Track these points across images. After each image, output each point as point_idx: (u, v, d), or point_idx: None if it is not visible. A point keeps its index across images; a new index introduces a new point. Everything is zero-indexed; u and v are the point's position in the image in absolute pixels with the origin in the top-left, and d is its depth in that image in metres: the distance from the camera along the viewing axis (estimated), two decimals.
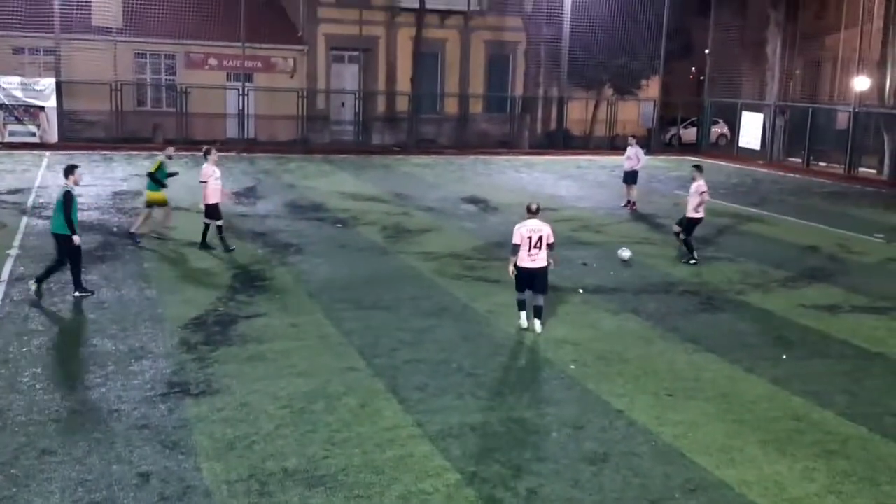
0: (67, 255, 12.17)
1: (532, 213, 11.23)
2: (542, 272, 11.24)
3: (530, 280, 11.24)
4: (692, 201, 15.79)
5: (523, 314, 11.48)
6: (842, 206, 24.33)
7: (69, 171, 12.52)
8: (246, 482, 7.22)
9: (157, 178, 16.05)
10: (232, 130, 34.14)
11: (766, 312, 12.81)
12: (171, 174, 16.59)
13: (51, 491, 6.99)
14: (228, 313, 11.75)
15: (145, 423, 8.30)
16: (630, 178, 22.21)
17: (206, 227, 15.63)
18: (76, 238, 12.02)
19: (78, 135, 31.71)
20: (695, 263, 15.54)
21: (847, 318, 12.69)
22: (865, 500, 7.26)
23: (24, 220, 17.54)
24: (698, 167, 16.42)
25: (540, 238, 11.12)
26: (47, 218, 17.71)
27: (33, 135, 30.50)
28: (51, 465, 7.43)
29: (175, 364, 9.87)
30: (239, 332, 10.99)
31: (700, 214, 15.88)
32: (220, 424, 8.31)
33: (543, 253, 11.19)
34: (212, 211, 15.58)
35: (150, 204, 16.18)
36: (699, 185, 15.88)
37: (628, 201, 22.05)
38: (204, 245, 15.52)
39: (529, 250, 11.09)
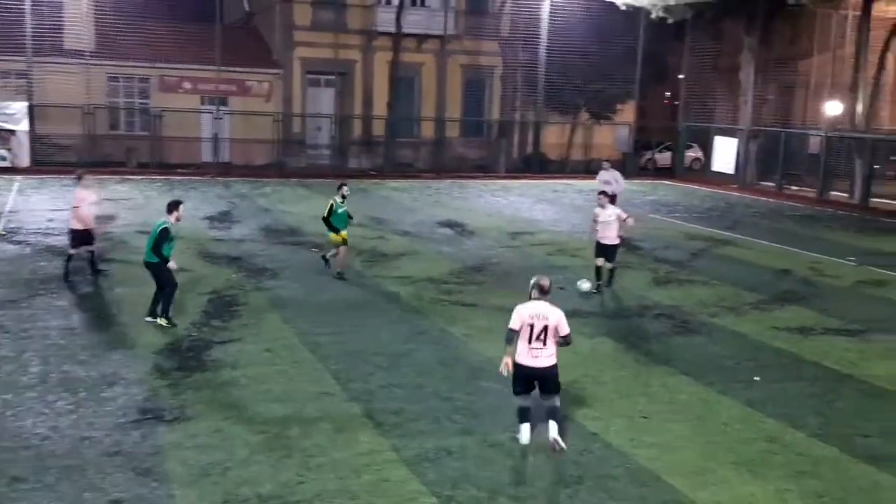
0: (161, 280, 12.16)
1: (541, 292, 8.43)
2: (548, 373, 8.43)
3: (533, 382, 8.50)
4: (615, 228, 15.21)
5: (524, 427, 8.55)
6: (814, 229, 24.63)
7: (173, 206, 12.32)
8: None
9: (330, 222, 15.45)
10: (206, 154, 34.05)
11: (740, 335, 12.92)
12: (350, 217, 15.88)
13: None
14: (202, 338, 11.67)
15: (117, 449, 8.22)
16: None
17: (91, 254, 15.03)
18: (172, 264, 12.12)
19: (50, 159, 31.46)
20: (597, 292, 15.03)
21: (819, 340, 12.83)
22: None
23: None
24: (605, 193, 16.10)
25: (545, 329, 8.27)
26: (19, 243, 17.61)
27: (4, 159, 30.24)
28: (21, 493, 7.33)
29: (148, 390, 9.78)
30: (213, 358, 10.92)
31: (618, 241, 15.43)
32: (194, 451, 8.24)
33: (551, 348, 8.37)
34: (83, 236, 14.82)
35: (335, 245, 15.66)
36: (619, 211, 15.51)
37: None
38: (96, 271, 14.94)
39: (530, 342, 8.31)
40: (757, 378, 10.93)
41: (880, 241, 22.91)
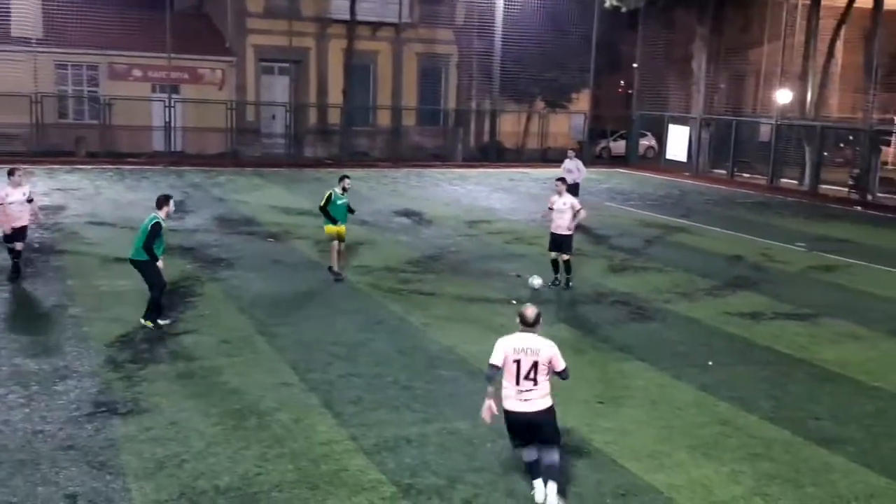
0: (149, 280, 11.49)
1: (527, 325, 7.10)
2: (543, 419, 7.10)
3: (528, 430, 7.16)
4: (569, 217, 14.60)
5: (538, 484, 7.23)
6: (765, 216, 25.07)
7: (163, 201, 11.59)
8: (177, 502, 7.10)
9: (328, 212, 14.70)
10: (158, 143, 33.54)
11: (693, 321, 13.12)
12: (351, 210, 15.20)
13: None
14: (156, 330, 11.52)
15: (71, 443, 8.09)
16: (572, 190, 22.26)
17: (17, 254, 13.85)
18: (161, 263, 11.47)
19: None
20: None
21: (770, 325, 13.07)
22: (790, 502, 7.49)
23: None
24: (563, 180, 15.52)
25: (535, 366, 6.96)
26: None
27: None
28: None
29: (101, 383, 9.64)
30: (168, 350, 10.79)
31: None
32: (150, 444, 8.15)
33: (543, 388, 7.04)
34: (14, 235, 13.73)
35: (331, 239, 14.86)
36: (574, 201, 14.90)
37: None
38: (15, 273, 13.74)
39: (518, 382, 6.99)
40: (710, 363, 11.12)
41: (829, 226, 23.41)
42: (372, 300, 13.57)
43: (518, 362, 6.97)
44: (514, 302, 13.63)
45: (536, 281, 13.76)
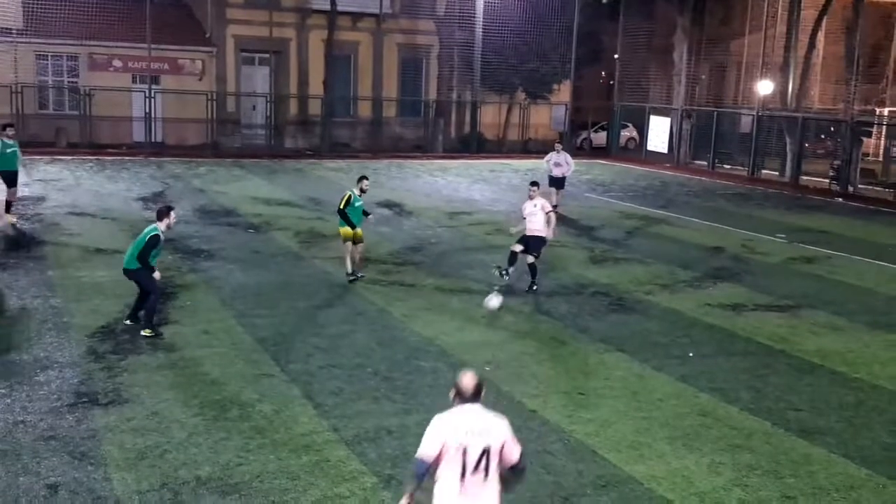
0: (144, 286, 11.02)
1: (467, 398, 5.31)
2: None
3: None
4: (541, 220, 13.99)
5: None
6: (746, 207, 25.22)
7: (164, 213, 11.19)
8: (158, 492, 7.09)
9: (346, 215, 13.90)
10: (139, 134, 33.27)
11: (674, 312, 13.19)
12: (366, 213, 14.37)
13: None
14: (137, 321, 11.45)
15: (52, 433, 8.07)
16: (560, 183, 22.20)
17: None
18: (157, 274, 10.97)
19: None
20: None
21: (751, 316, 13.17)
22: (770, 493, 7.55)
23: None
24: (536, 184, 14.55)
25: (486, 453, 5.18)
26: None
27: None
28: None
29: (82, 373, 9.59)
30: (149, 341, 10.73)
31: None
32: (131, 434, 8.13)
33: (494, 485, 5.28)
34: None
35: (346, 240, 14.05)
36: (545, 203, 14.32)
37: (555, 205, 21.65)
38: None
39: (464, 476, 5.19)
40: (691, 354, 11.19)
41: (810, 218, 23.59)
42: (352, 291, 13.55)
43: (464, 451, 5.10)
44: (495, 291, 13.63)
45: (493, 302, 12.01)
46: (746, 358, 11.20)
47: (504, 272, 14.10)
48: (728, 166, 35.01)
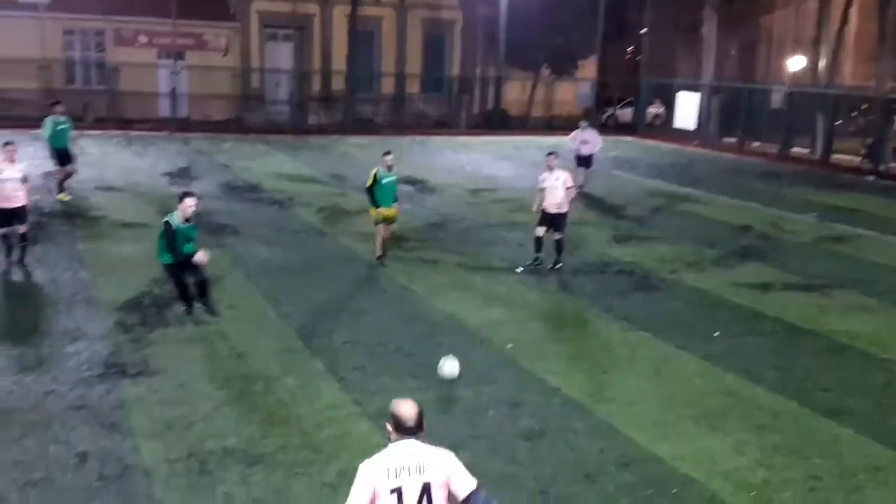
0: (193, 276, 10.52)
1: (406, 430, 4.54)
2: None
3: None
4: (562, 193, 13.56)
5: None
6: (775, 185, 24.89)
7: (179, 199, 10.53)
8: (185, 461, 7.20)
9: (373, 194, 13.44)
10: (165, 109, 33.40)
11: (700, 291, 13.07)
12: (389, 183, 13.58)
13: None
14: (163, 295, 11.52)
15: (82, 403, 8.22)
16: (588, 162, 21.63)
17: (22, 237, 12.65)
18: (201, 255, 10.34)
19: (6, 114, 30.62)
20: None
21: (779, 295, 13.01)
22: (795, 473, 7.48)
23: None
24: (555, 154, 14.14)
25: (426, 492, 4.43)
26: None
27: None
28: None
29: (111, 345, 9.72)
30: (175, 314, 10.81)
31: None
32: (158, 405, 8.25)
33: None
34: (9, 216, 12.43)
35: (376, 222, 13.63)
36: (567, 176, 13.79)
37: (581, 186, 20.71)
38: (22, 258, 12.64)
39: None
40: (717, 333, 11.08)
41: (841, 196, 23.23)
42: (375, 268, 13.55)
43: (398, 493, 4.32)
44: (520, 270, 13.59)
45: (448, 367, 8.43)
46: (774, 338, 11.08)
47: (535, 261, 13.68)
48: (757, 143, 34.56)
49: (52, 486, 6.80)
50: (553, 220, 13.55)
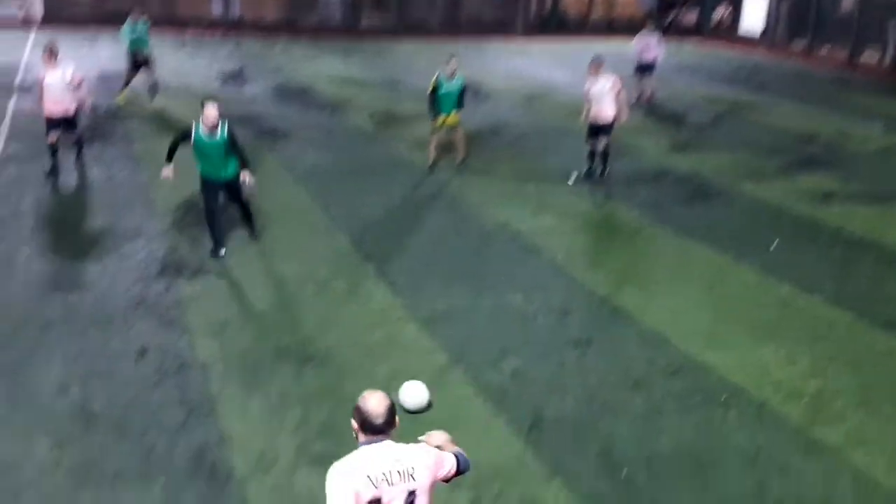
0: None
1: (376, 430, 3.79)
2: None
3: None
4: (610, 101, 12.89)
5: None
6: (843, 93, 23.94)
7: (202, 105, 9.38)
8: (239, 359, 7.42)
9: (433, 101, 13.20)
10: (217, 10, 33.15)
11: (759, 201, 12.75)
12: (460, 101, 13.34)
13: (52, 362, 7.26)
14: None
15: (141, 300, 8.51)
16: (650, 69, 20.38)
17: (77, 138, 12.69)
18: (245, 176, 9.46)
19: (63, 13, 30.77)
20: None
21: (840, 206, 12.63)
22: (848, 383, 7.38)
23: (13, 99, 17.23)
24: (598, 61, 13.16)
25: (411, 497, 3.82)
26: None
27: (16, 14, 29.65)
28: (51, 339, 7.67)
29: (168, 245, 9.95)
30: (229, 216, 10.92)
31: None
32: (214, 304, 8.48)
33: None
34: (61, 123, 12.24)
35: (433, 131, 13.44)
36: (615, 79, 12.98)
37: (640, 95, 19.92)
38: (80, 158, 12.72)
39: None
40: (775, 243, 10.82)
41: None
42: (427, 174, 13.45)
43: (377, 502, 3.73)
44: (574, 175, 13.37)
45: (410, 395, 4.51)
46: (833, 249, 10.80)
47: (588, 172, 13.32)
48: (826, 49, 33.16)
49: (112, 378, 7.06)
50: (601, 130, 13.11)
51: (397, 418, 3.82)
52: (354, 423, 3.82)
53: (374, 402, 3.80)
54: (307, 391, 6.95)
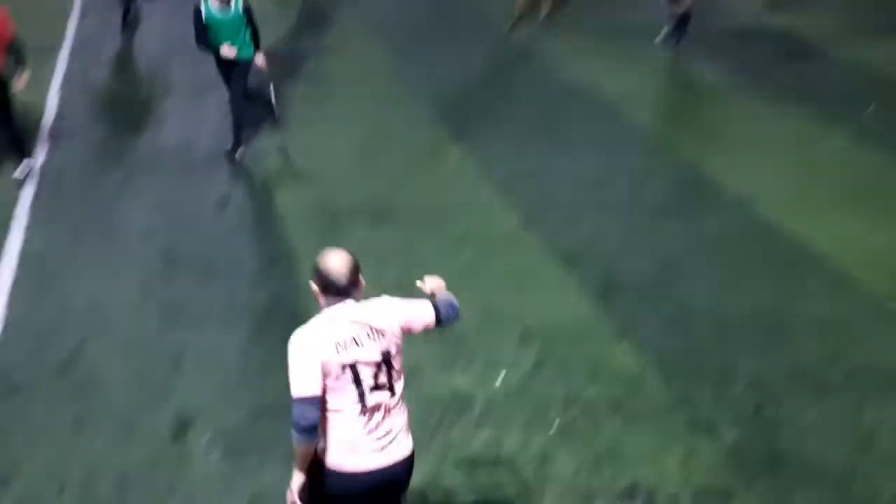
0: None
1: (338, 290, 3.34)
2: (406, 472, 3.52)
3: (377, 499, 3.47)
4: None
5: None
6: None
7: None
8: (316, 212, 7.59)
9: None
10: None
11: (859, 63, 11.97)
12: None
13: (136, 209, 7.67)
14: (295, 51, 11.59)
15: (219, 154, 8.66)
16: None
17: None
18: (259, 58, 8.49)
19: None
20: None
21: None
22: None
23: None
24: None
25: (386, 360, 3.35)
26: None
27: None
28: (135, 188, 8.07)
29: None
30: (308, 70, 10.92)
31: None
32: (292, 158, 8.70)
33: (402, 406, 3.46)
34: None
35: None
36: None
37: None
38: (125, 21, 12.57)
39: (363, 403, 3.31)
40: (870, 108, 10.24)
41: None
42: (509, 29, 13.04)
43: (353, 368, 3.29)
44: (659, 38, 12.80)
45: None
46: None
47: (674, 31, 12.25)
48: None
49: (195, 224, 7.35)
50: None
51: (361, 277, 3.39)
52: (314, 286, 3.36)
53: (336, 261, 3.35)
54: (381, 247, 7.03)
